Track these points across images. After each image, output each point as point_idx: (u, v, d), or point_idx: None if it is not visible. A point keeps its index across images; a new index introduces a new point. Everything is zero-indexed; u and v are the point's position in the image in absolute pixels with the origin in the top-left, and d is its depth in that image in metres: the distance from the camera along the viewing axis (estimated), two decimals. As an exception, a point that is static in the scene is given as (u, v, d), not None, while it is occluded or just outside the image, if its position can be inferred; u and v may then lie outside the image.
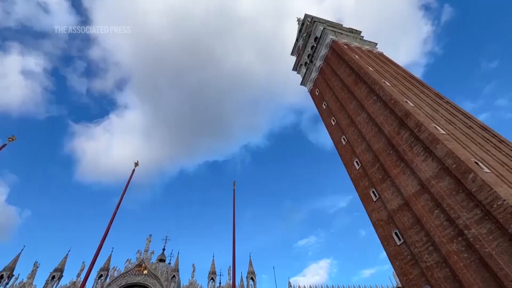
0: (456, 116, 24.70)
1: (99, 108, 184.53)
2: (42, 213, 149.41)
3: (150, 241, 46.54)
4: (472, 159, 17.54)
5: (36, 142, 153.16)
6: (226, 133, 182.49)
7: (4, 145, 18.21)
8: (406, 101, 24.14)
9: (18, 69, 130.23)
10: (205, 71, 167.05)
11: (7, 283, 37.00)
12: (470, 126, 23.25)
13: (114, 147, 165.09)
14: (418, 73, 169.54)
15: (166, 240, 55.06)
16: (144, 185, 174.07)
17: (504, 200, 14.36)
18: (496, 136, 22.37)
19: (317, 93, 40.72)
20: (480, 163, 17.44)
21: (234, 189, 18.37)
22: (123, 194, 15.69)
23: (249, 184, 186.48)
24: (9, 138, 18.75)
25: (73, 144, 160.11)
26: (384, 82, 27.29)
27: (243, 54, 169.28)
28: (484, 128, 23.43)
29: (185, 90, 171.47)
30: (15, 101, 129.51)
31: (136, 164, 18.63)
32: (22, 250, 41.74)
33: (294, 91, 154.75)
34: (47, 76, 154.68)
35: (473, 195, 15.97)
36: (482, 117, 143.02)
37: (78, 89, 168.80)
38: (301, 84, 46.30)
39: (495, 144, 21.08)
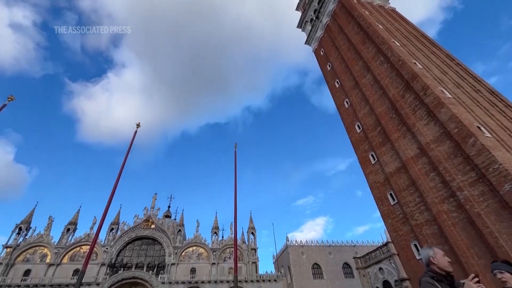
0: (465, 79, 23.87)
1: (95, 66, 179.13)
2: (50, 172, 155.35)
3: (155, 199, 49.20)
4: (474, 124, 17.45)
5: (35, 101, 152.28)
6: (227, 92, 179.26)
7: (4, 105, 18.07)
8: (415, 63, 23.14)
9: (5, 22, 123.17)
10: (204, 25, 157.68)
11: (26, 234, 40.17)
12: (478, 89, 22.61)
13: (114, 107, 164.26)
14: (433, 31, 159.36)
15: (170, 198, 58.24)
16: (147, 146, 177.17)
17: (501, 164, 14.65)
18: (503, 101, 21.88)
19: (322, 53, 38.86)
20: (482, 128, 17.38)
21: (235, 152, 18.67)
22: (127, 154, 16.02)
23: (251, 145, 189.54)
24: (8, 98, 18.50)
25: (72, 103, 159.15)
26: (394, 42, 25.84)
27: (244, 7, 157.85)
28: (492, 92, 22.81)
29: (184, 46, 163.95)
30: (7, 58, 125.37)
31: (138, 125, 18.63)
32: (36, 205, 44.51)
33: (298, 50, 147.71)
34: (37, 31, 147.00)
35: (471, 159, 16.25)
36: (492, 80, 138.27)
37: (72, 45, 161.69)
38: (305, 43, 43.91)
39: (500, 109, 20.73)
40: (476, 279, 2.00)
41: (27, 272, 36.01)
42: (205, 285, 36.35)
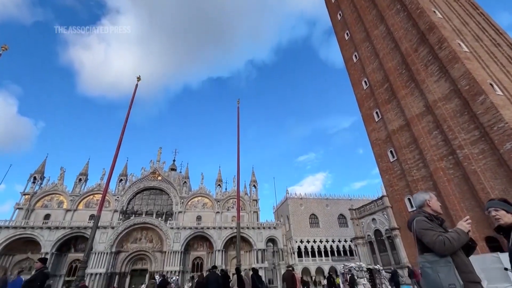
0: (486, 31, 22.11)
1: (88, 12, 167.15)
2: (56, 124, 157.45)
3: (161, 152, 50.60)
4: (488, 81, 16.75)
5: (30, 51, 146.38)
6: (229, 44, 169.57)
7: (-2, 55, 17.41)
8: (434, 11, 21.21)
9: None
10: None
11: (41, 184, 42.63)
12: (498, 43, 21.11)
13: (113, 59, 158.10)
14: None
15: (175, 152, 59.80)
16: (150, 100, 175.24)
17: (506, 123, 14.48)
18: (522, 56, 20.60)
19: (333, 0, 35.50)
20: (494, 85, 16.74)
21: (238, 107, 18.42)
22: (129, 108, 15.93)
23: (254, 100, 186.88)
24: (2, 47, 17.72)
25: (68, 54, 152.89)
26: (414, -14, 23.29)
27: None
28: (513, 47, 21.35)
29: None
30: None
31: (139, 79, 18.11)
32: (46, 157, 46.24)
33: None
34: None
35: (477, 117, 16.03)
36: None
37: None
38: (315, -13, 39.77)
39: (518, 65, 19.65)
40: (469, 221, 2.22)
41: (47, 217, 39.24)
42: (210, 231, 39.68)
